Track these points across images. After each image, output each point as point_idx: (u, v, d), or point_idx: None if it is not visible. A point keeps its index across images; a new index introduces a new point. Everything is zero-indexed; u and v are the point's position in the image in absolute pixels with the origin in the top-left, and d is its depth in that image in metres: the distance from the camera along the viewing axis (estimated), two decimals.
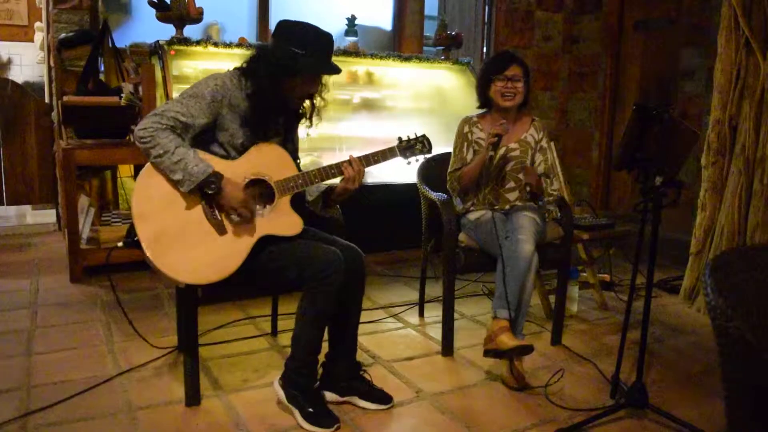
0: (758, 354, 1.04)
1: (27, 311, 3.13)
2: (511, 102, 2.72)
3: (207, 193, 2.04)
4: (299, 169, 2.24)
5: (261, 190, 2.16)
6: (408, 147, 2.33)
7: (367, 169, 2.27)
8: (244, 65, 2.18)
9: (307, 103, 2.28)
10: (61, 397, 2.24)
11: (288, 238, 2.15)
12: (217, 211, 2.08)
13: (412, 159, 2.35)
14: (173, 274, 2.01)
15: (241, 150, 2.15)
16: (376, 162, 2.29)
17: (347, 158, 2.24)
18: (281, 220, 2.15)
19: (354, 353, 2.34)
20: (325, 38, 2.17)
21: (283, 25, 2.16)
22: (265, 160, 2.16)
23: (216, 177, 2.02)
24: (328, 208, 2.36)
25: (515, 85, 2.71)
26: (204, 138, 2.13)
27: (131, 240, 2.03)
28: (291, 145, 2.31)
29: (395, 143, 2.34)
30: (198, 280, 2.05)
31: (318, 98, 2.28)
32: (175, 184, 2.03)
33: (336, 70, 2.19)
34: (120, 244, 2.14)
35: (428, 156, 2.42)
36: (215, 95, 2.09)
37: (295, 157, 2.30)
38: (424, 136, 2.38)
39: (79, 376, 2.42)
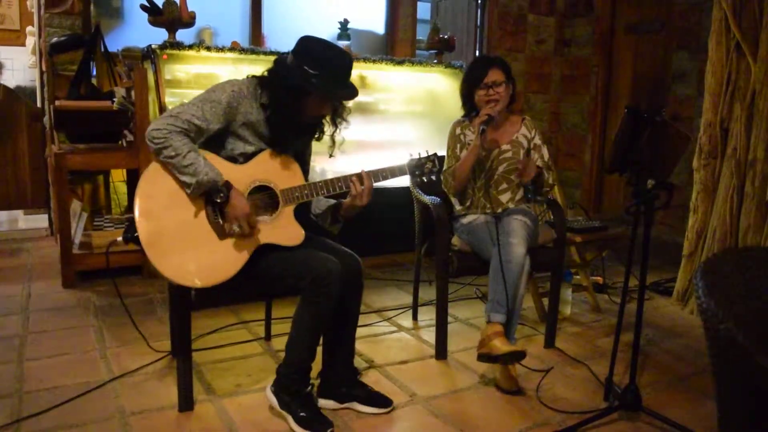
0: (749, 356, 1.04)
1: (19, 317, 3.11)
2: (497, 108, 2.72)
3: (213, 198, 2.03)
4: (306, 181, 2.21)
5: (265, 197, 2.15)
6: (418, 165, 2.27)
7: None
8: (264, 74, 2.17)
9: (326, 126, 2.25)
10: (54, 403, 2.22)
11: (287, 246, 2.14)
12: (220, 216, 2.07)
13: (420, 178, 2.28)
14: (170, 275, 2.00)
15: (250, 157, 2.13)
16: (385, 178, 2.24)
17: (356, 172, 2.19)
18: (283, 230, 2.13)
19: (352, 359, 2.34)
20: (342, 61, 2.12)
21: (304, 41, 2.14)
22: (272, 167, 2.15)
23: (226, 187, 2.01)
24: (335, 223, 2.34)
25: (497, 90, 2.70)
26: (216, 140, 2.11)
27: (130, 236, 2.01)
28: (302, 161, 2.26)
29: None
30: (193, 283, 2.03)
31: (339, 119, 2.24)
32: (182, 185, 2.02)
33: (348, 96, 2.16)
34: (119, 239, 2.12)
35: (436, 177, 2.31)
36: (231, 101, 2.07)
37: (305, 171, 2.25)
38: (435, 154, 2.29)
39: (71, 381, 2.41)
